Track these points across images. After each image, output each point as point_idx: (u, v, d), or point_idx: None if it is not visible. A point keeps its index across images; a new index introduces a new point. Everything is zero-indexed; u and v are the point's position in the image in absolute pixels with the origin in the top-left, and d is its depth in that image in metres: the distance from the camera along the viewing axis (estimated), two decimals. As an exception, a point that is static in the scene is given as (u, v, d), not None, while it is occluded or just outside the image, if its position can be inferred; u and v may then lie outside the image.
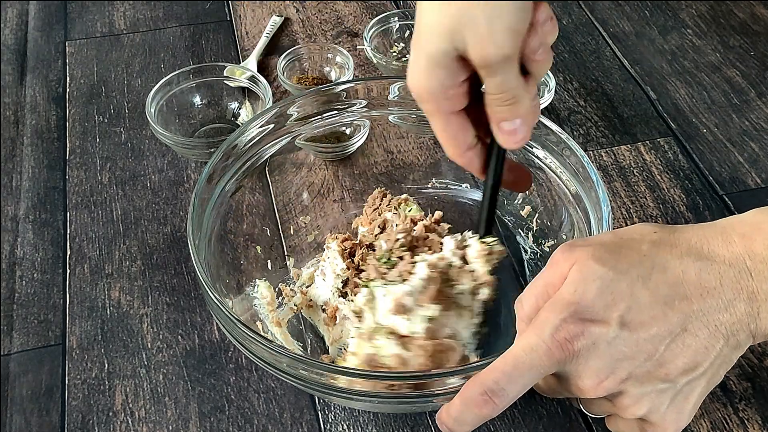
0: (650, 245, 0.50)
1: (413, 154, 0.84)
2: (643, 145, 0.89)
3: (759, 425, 0.65)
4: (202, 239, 0.65)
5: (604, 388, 0.49)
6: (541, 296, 0.51)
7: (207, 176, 0.66)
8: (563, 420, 0.66)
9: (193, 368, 0.69)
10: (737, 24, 1.04)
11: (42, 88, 0.96)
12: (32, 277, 0.76)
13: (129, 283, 0.76)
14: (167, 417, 0.66)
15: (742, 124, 0.91)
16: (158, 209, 0.82)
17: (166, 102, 0.88)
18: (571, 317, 0.48)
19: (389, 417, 0.66)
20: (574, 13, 1.07)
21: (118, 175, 0.86)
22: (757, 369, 0.69)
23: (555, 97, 0.92)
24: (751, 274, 0.49)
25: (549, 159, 0.71)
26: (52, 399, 0.68)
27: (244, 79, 0.90)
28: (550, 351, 0.48)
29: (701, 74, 0.98)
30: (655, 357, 0.48)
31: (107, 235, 0.80)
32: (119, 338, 0.71)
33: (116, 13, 1.07)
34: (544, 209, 0.75)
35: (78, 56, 1.00)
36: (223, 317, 0.58)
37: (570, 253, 0.51)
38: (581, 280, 0.49)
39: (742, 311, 0.49)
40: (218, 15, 1.07)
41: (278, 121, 0.72)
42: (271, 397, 0.67)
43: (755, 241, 0.50)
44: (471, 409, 0.50)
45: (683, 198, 0.83)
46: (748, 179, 0.85)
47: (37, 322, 0.73)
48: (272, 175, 0.76)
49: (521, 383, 0.49)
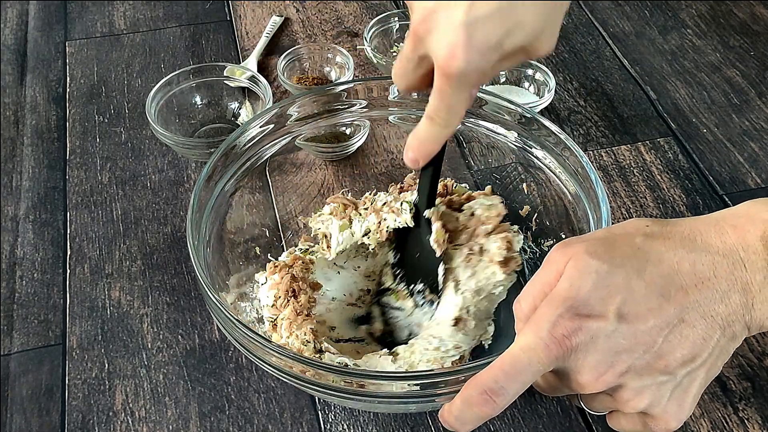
0: (644, 238, 0.51)
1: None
2: (643, 145, 0.89)
3: (759, 425, 0.65)
4: (202, 239, 0.65)
5: (603, 383, 0.49)
6: (538, 295, 0.51)
7: (206, 176, 0.66)
8: (563, 419, 0.66)
9: (193, 368, 0.69)
10: (737, 24, 1.04)
11: (42, 88, 0.96)
12: (32, 277, 0.76)
13: (129, 283, 0.76)
14: (167, 417, 0.66)
15: (742, 124, 0.91)
16: (158, 209, 0.82)
17: (166, 102, 0.88)
18: (567, 313, 0.48)
19: (389, 417, 0.66)
20: (574, 13, 1.07)
21: (118, 175, 0.86)
22: (757, 369, 0.69)
23: (555, 97, 0.92)
24: (745, 265, 0.49)
25: (548, 159, 0.71)
26: (52, 399, 0.68)
27: (244, 79, 0.90)
28: (549, 348, 0.48)
29: (701, 74, 0.98)
30: (653, 349, 0.48)
31: (107, 235, 0.80)
32: (119, 338, 0.71)
33: (116, 13, 1.07)
34: (543, 209, 0.75)
35: (78, 56, 1.00)
36: (223, 317, 0.58)
37: (565, 250, 0.51)
38: (576, 275, 0.49)
39: (737, 302, 0.49)
40: (218, 15, 1.07)
41: (278, 121, 0.72)
42: (271, 397, 0.68)
43: (748, 232, 0.50)
44: (471, 409, 0.51)
45: (683, 198, 0.83)
46: (748, 179, 0.85)
47: (37, 322, 0.73)
48: (272, 175, 0.76)
49: (521, 382, 0.49)
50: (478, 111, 0.74)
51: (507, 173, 0.78)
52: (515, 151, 0.74)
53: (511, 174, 0.77)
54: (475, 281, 0.66)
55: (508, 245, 0.67)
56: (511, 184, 0.77)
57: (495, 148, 0.77)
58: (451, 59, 0.51)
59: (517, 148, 0.73)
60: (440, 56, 0.52)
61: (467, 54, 0.51)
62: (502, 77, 0.93)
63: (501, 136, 0.74)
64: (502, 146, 0.75)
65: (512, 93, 0.92)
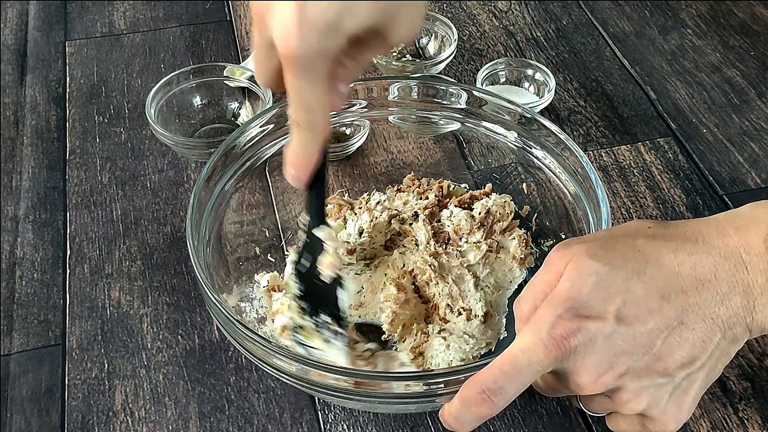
0: (645, 240, 0.51)
1: (413, 154, 0.84)
2: (643, 145, 0.89)
3: (759, 425, 0.65)
4: (202, 239, 0.65)
5: (602, 384, 0.49)
6: (538, 296, 0.51)
7: (206, 176, 0.66)
8: (563, 419, 0.66)
9: (193, 368, 0.69)
10: (737, 24, 1.04)
11: (42, 88, 0.96)
12: (32, 277, 0.76)
13: (129, 283, 0.76)
14: (167, 417, 0.66)
15: (742, 124, 0.91)
16: (158, 209, 0.82)
17: (166, 102, 0.88)
18: (567, 314, 0.48)
19: (389, 417, 0.66)
20: (574, 13, 1.07)
21: (118, 175, 0.86)
22: (757, 369, 0.69)
23: (555, 97, 0.92)
24: (747, 267, 0.49)
25: (548, 159, 0.71)
26: (52, 399, 0.68)
27: (244, 79, 0.90)
28: (548, 348, 0.48)
29: (701, 74, 0.98)
30: (652, 351, 0.48)
31: (107, 235, 0.80)
32: (119, 338, 0.71)
33: (116, 13, 1.07)
34: (543, 209, 0.75)
35: (78, 56, 1.00)
36: (223, 318, 0.58)
37: (565, 251, 0.51)
38: (577, 276, 0.49)
39: (738, 304, 0.49)
40: (218, 15, 1.07)
41: (278, 121, 0.72)
42: (271, 397, 0.68)
43: (750, 233, 0.50)
44: (470, 409, 0.51)
45: (683, 198, 0.83)
46: (748, 179, 0.85)
47: (37, 322, 0.73)
48: (272, 175, 0.76)
49: (520, 382, 0.49)
50: (478, 111, 0.74)
51: (507, 173, 0.78)
52: (515, 151, 0.74)
53: (511, 174, 0.77)
54: (494, 278, 0.70)
55: (526, 242, 0.71)
56: (511, 184, 0.77)
57: (495, 148, 0.77)
58: (286, 39, 0.46)
59: (517, 148, 0.73)
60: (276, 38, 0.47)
61: (302, 33, 0.46)
62: (502, 77, 0.93)
63: (501, 136, 0.74)
64: (502, 146, 0.75)
65: (512, 93, 0.91)
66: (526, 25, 1.04)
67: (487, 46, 1.01)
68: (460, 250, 0.71)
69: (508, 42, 1.02)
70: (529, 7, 1.07)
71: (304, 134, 0.51)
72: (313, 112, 0.50)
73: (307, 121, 0.51)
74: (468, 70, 0.98)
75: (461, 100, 0.74)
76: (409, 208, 0.74)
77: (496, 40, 1.02)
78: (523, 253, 0.71)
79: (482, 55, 1.00)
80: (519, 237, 0.72)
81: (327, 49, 0.47)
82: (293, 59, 0.47)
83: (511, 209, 0.73)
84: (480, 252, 0.71)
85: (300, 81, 0.48)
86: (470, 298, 0.68)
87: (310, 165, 0.53)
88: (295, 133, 0.52)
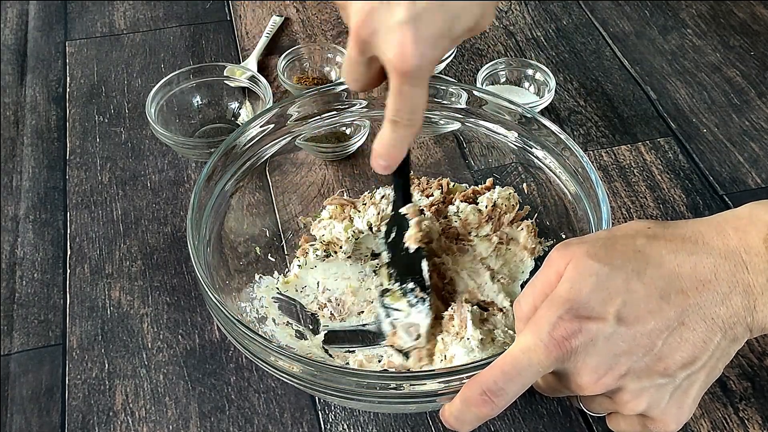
0: (645, 240, 0.51)
1: (413, 154, 0.84)
2: (643, 145, 0.89)
3: (759, 425, 0.65)
4: (202, 239, 0.65)
5: (603, 385, 0.49)
6: (538, 296, 0.51)
7: (206, 176, 0.66)
8: (563, 420, 0.66)
9: (194, 368, 0.69)
10: (737, 24, 1.04)
11: (42, 88, 0.96)
12: (32, 277, 0.76)
13: (129, 283, 0.76)
14: (167, 417, 0.66)
15: (742, 124, 0.91)
16: (158, 209, 0.82)
17: (166, 102, 0.88)
18: (567, 314, 0.48)
19: (389, 417, 0.66)
20: (574, 13, 1.07)
21: (118, 175, 0.86)
22: (757, 369, 0.69)
23: (555, 97, 0.92)
24: (747, 267, 0.49)
25: (548, 159, 0.71)
26: (52, 399, 0.68)
27: (244, 79, 0.90)
28: (548, 349, 0.48)
29: (701, 74, 0.98)
30: (653, 351, 0.48)
31: (107, 235, 0.80)
32: (119, 338, 0.71)
33: (116, 13, 1.07)
34: (543, 209, 0.75)
35: (78, 56, 1.00)
36: (223, 317, 0.58)
37: (565, 252, 0.51)
38: (577, 276, 0.49)
39: (738, 304, 0.49)
40: (218, 15, 1.07)
41: (278, 121, 0.72)
42: (272, 397, 0.68)
43: (750, 234, 0.50)
44: (470, 409, 0.51)
45: (683, 198, 0.83)
46: (748, 179, 0.85)
47: (37, 322, 0.73)
48: (272, 175, 0.76)
49: (520, 383, 0.49)
50: (478, 111, 0.74)
51: (507, 173, 0.78)
52: (515, 151, 0.74)
53: (511, 174, 0.77)
54: (508, 269, 0.71)
55: (534, 232, 0.73)
56: (511, 184, 0.77)
57: (495, 148, 0.77)
58: (403, 57, 0.51)
59: (517, 148, 0.73)
60: (391, 57, 0.51)
61: (418, 49, 0.50)
62: (502, 77, 0.93)
63: (501, 136, 0.74)
64: (502, 146, 0.75)
65: (512, 93, 0.91)
66: (526, 25, 1.04)
67: (487, 46, 1.01)
68: (471, 245, 0.71)
69: (508, 42, 1.02)
70: (529, 7, 1.07)
71: (402, 130, 0.55)
72: (416, 111, 0.54)
73: (409, 119, 0.55)
74: (468, 70, 0.98)
75: (461, 100, 0.74)
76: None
77: (496, 40, 1.02)
78: (533, 242, 0.72)
79: (482, 55, 1.00)
80: (528, 227, 0.73)
81: (438, 57, 0.52)
82: (410, 73, 0.51)
83: (516, 200, 0.74)
84: (491, 244, 0.71)
85: (411, 88, 0.53)
86: (488, 291, 0.68)
87: (402, 156, 0.58)
88: (392, 129, 0.56)
